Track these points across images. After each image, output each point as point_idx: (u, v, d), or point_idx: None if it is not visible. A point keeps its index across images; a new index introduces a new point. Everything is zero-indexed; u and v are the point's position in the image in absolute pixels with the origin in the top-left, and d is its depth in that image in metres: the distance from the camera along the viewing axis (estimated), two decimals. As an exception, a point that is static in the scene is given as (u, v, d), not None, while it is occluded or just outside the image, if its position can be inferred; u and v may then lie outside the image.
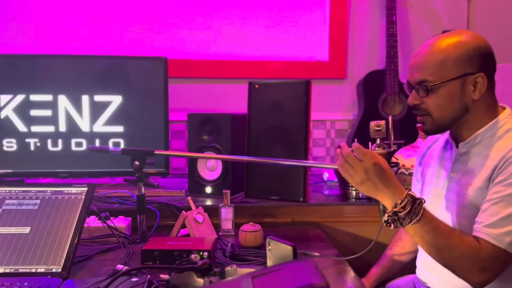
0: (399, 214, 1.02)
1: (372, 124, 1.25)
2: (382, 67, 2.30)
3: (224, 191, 1.54)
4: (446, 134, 1.31)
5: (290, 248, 0.86)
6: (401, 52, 2.30)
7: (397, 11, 2.26)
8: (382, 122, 1.25)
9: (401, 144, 1.94)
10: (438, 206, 1.24)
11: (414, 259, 1.42)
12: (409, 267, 1.47)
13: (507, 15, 2.41)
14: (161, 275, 1.05)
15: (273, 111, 1.73)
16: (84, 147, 1.85)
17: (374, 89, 2.24)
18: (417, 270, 1.39)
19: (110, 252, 1.38)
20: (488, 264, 1.03)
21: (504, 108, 1.20)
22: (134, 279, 1.10)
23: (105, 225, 1.46)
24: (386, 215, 1.04)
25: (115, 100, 1.85)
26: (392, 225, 1.04)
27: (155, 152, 1.47)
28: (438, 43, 1.15)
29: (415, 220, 1.02)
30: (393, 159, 1.27)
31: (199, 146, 1.78)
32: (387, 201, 1.06)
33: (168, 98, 1.87)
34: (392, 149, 1.26)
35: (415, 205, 1.02)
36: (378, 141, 1.28)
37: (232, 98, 2.24)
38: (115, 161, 1.83)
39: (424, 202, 1.04)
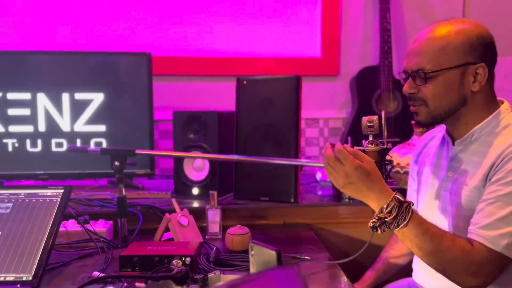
0: (385, 219, 0.98)
1: (364, 119, 1.17)
2: (375, 63, 2.23)
3: (210, 192, 1.47)
4: (443, 131, 1.24)
5: (273, 253, 0.79)
6: (395, 48, 2.24)
7: (391, 5, 2.19)
8: (375, 118, 1.18)
9: (396, 142, 1.88)
10: (435, 207, 1.19)
11: (411, 262, 1.36)
12: (405, 270, 1.41)
13: (502, 9, 2.35)
14: (137, 284, 0.97)
15: (263, 108, 1.65)
16: (64, 148, 1.77)
17: (367, 86, 2.18)
18: (413, 273, 1.33)
19: (89, 258, 1.31)
20: (482, 268, 0.98)
21: (502, 103, 1.14)
22: (109, 287, 1.02)
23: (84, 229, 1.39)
24: (371, 220, 1.00)
25: (97, 98, 1.77)
26: (378, 229, 1.00)
27: (136, 152, 1.40)
28: (439, 29, 1.09)
29: (402, 224, 0.98)
30: (388, 157, 1.19)
31: (186, 146, 1.71)
32: (373, 205, 1.02)
33: (152, 95, 1.79)
34: (385, 146, 1.19)
35: (402, 209, 0.98)
36: (370, 138, 1.20)
37: (221, 96, 2.16)
38: (97, 162, 1.74)
39: (413, 205, 0.99)
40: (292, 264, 1.17)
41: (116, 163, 1.38)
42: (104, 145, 1.78)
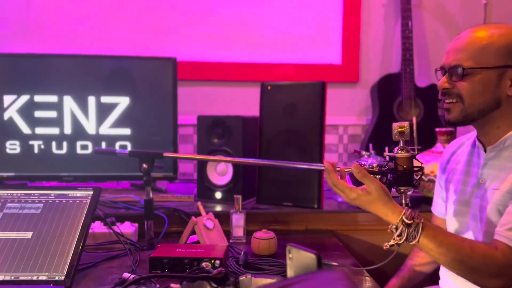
0: (398, 243, 1.02)
1: (395, 125, 1.17)
2: (396, 71, 2.23)
3: (235, 196, 1.47)
4: (472, 138, 1.24)
5: (313, 256, 0.78)
6: (416, 55, 2.23)
7: (412, 13, 2.19)
8: (406, 124, 1.17)
9: (418, 150, 1.87)
10: (466, 215, 1.18)
11: (436, 270, 1.35)
12: (430, 278, 1.39)
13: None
14: (172, 285, 0.98)
15: (286, 114, 1.66)
16: (89, 150, 1.79)
17: (389, 93, 2.17)
18: (440, 281, 1.32)
19: (116, 260, 1.31)
20: (506, 269, 0.99)
21: None
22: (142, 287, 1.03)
23: (111, 231, 1.40)
24: (388, 243, 1.04)
25: (123, 102, 1.79)
26: (395, 246, 1.04)
27: (164, 155, 1.41)
28: (483, 29, 1.10)
29: (414, 242, 1.01)
30: (418, 163, 1.18)
31: (209, 150, 1.72)
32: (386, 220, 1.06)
33: (177, 100, 1.81)
34: (416, 152, 1.18)
35: (410, 230, 1.01)
36: (401, 144, 1.20)
37: (243, 102, 2.17)
38: (121, 165, 1.77)
39: (422, 221, 1.02)
40: (338, 267, 1.20)
41: (144, 165, 1.39)
42: (129, 148, 1.80)
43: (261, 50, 2.25)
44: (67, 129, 1.78)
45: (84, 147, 1.79)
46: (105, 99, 1.79)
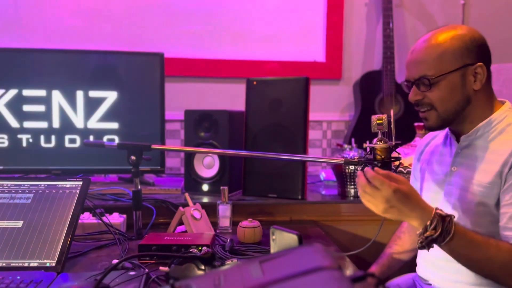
0: (432, 237, 0.99)
1: (374, 118, 1.23)
2: (378, 68, 2.30)
3: (222, 188, 1.51)
4: (445, 131, 1.30)
5: (295, 236, 0.84)
6: (398, 53, 2.31)
7: (393, 12, 2.27)
8: (384, 116, 1.23)
9: (398, 144, 1.93)
10: (438, 201, 1.23)
11: (414, 257, 1.41)
12: (408, 266, 1.46)
13: (501, 17, 2.44)
14: (161, 268, 1.02)
15: (272, 109, 1.71)
16: (78, 144, 1.81)
17: (370, 90, 2.24)
18: (417, 268, 1.37)
19: (104, 249, 1.34)
20: None
21: (503, 103, 1.20)
22: (131, 273, 1.07)
23: (100, 221, 1.43)
24: (419, 240, 1.01)
25: (110, 96, 1.82)
26: (427, 247, 1.01)
27: (152, 147, 1.45)
28: (434, 38, 1.15)
29: (448, 238, 0.99)
30: (395, 154, 1.25)
31: (196, 143, 1.76)
32: (416, 223, 1.02)
33: (164, 95, 1.84)
34: (394, 143, 1.25)
35: (446, 223, 0.99)
36: (379, 135, 1.26)
37: (229, 98, 2.22)
38: (109, 158, 1.80)
39: (454, 217, 1.01)
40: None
41: (133, 157, 1.43)
42: (117, 141, 1.82)
43: (247, 47, 2.30)
44: (56, 123, 1.80)
45: (72, 140, 1.81)
46: (93, 93, 1.81)
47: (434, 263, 1.24)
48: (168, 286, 0.61)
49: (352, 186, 1.74)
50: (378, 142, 1.24)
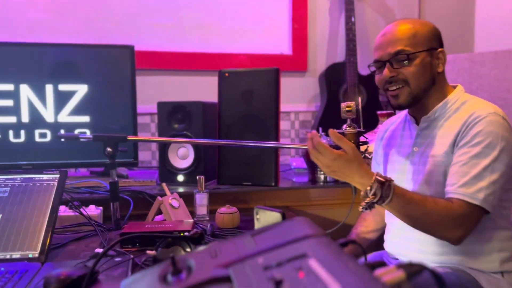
0: (372, 201, 1.10)
1: (343, 105, 1.31)
2: (341, 60, 2.40)
3: (198, 177, 1.55)
4: (402, 117, 1.40)
5: (278, 214, 0.89)
6: (359, 46, 2.41)
7: (354, 6, 2.36)
8: (352, 103, 1.32)
9: (362, 131, 2.04)
10: (403, 180, 1.32)
11: (379, 237, 1.50)
12: (375, 245, 1.55)
13: (454, 11, 2.60)
14: (148, 251, 1.05)
15: (244, 99, 1.76)
16: (48, 138, 1.79)
17: (335, 81, 2.34)
18: (385, 245, 1.47)
19: (83, 240, 1.35)
20: (464, 220, 1.11)
21: (455, 87, 1.32)
22: (117, 259, 1.09)
23: (77, 214, 1.44)
24: (361, 205, 1.12)
25: (81, 90, 1.81)
26: (369, 209, 1.13)
27: (128, 138, 1.46)
28: (404, 22, 1.26)
29: (387, 201, 1.10)
30: (363, 138, 1.33)
31: (170, 135, 1.78)
32: (359, 187, 1.14)
33: (135, 87, 1.85)
34: (362, 129, 1.33)
35: (384, 187, 1.10)
36: (348, 121, 1.34)
37: (198, 91, 2.25)
38: (80, 152, 1.79)
39: (393, 181, 1.11)
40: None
41: (109, 149, 1.44)
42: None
43: (215, 40, 2.33)
44: (25, 118, 1.77)
45: (43, 135, 1.79)
46: (63, 87, 1.80)
47: (400, 235, 1.33)
48: (169, 260, 0.65)
49: (322, 172, 1.82)
50: (348, 128, 1.32)
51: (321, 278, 0.53)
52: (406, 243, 1.32)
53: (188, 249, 1.01)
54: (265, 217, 0.93)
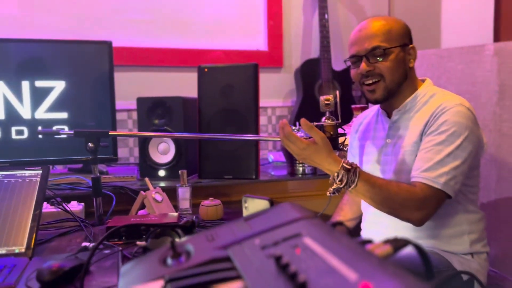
0: (339, 187, 1.17)
1: (322, 98, 1.36)
2: (316, 56, 2.46)
3: (181, 171, 1.57)
4: (374, 111, 1.47)
5: (266, 201, 0.93)
6: (333, 42, 2.48)
7: (328, 3, 2.43)
8: (331, 97, 1.37)
9: (338, 125, 2.10)
10: (378, 170, 1.39)
11: (356, 226, 1.57)
12: (353, 234, 1.61)
13: (422, 8, 2.70)
14: (138, 242, 1.07)
15: (224, 94, 1.79)
16: (25, 135, 1.77)
17: (310, 77, 2.39)
18: (362, 232, 1.53)
19: (67, 236, 1.35)
20: (425, 203, 1.18)
21: (423, 81, 1.39)
22: (106, 251, 1.11)
23: (59, 210, 1.43)
24: (329, 190, 1.20)
25: (58, 86, 1.79)
26: (336, 193, 1.20)
27: (110, 133, 1.47)
28: (378, 19, 1.32)
29: (353, 185, 1.17)
30: (341, 130, 1.39)
31: (150, 130, 1.79)
32: (327, 173, 1.22)
33: (114, 83, 1.85)
34: (340, 121, 1.39)
35: (350, 174, 1.16)
36: (327, 114, 1.40)
37: (175, 87, 2.26)
38: (58, 149, 1.78)
39: (358, 167, 1.18)
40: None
41: (91, 144, 1.44)
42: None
43: (192, 36, 2.34)
44: (1, 115, 1.73)
45: (20, 132, 1.76)
46: (39, 83, 1.77)
47: (376, 222, 1.40)
48: (169, 243, 0.68)
49: (301, 164, 1.87)
50: (327, 120, 1.37)
51: (317, 253, 0.57)
52: (382, 230, 1.38)
53: (178, 239, 1.04)
54: (253, 205, 0.96)
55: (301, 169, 1.88)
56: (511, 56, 1.87)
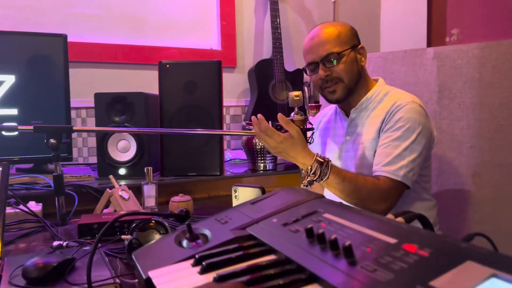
0: (312, 179, 1.23)
1: (291, 94, 1.41)
2: (269, 57, 2.52)
3: (146, 168, 1.53)
4: (332, 110, 1.56)
5: (258, 189, 0.95)
6: (284, 44, 2.55)
7: (279, 6, 2.50)
8: (299, 93, 1.42)
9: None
10: (340, 166, 1.45)
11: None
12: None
13: (364, 13, 2.87)
14: (123, 236, 1.03)
15: (186, 90, 1.78)
16: (-31, 133, 1.62)
17: (264, 77, 2.45)
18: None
19: (29, 237, 1.27)
20: (388, 194, 1.27)
21: (376, 80, 1.50)
22: (85, 248, 1.06)
23: (17, 210, 1.34)
24: (303, 182, 1.25)
25: (8, 80, 1.67)
26: (309, 186, 1.25)
27: (74, 129, 1.41)
28: (327, 26, 1.40)
29: (325, 178, 1.23)
30: (309, 125, 1.45)
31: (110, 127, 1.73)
32: (302, 166, 1.27)
33: (69, 79, 1.76)
34: (308, 116, 1.44)
35: (323, 167, 1.23)
36: (296, 109, 1.45)
37: (132, 83, 2.20)
38: (6, 148, 1.66)
39: (330, 161, 1.24)
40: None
41: (52, 140, 1.37)
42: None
43: (146, 34, 2.30)
44: None
45: (-37, 129, 1.61)
46: (-14, 77, 1.64)
47: None
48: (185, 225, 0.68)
49: (262, 161, 1.91)
50: (296, 115, 1.42)
51: (344, 224, 0.61)
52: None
53: (163, 232, 1.02)
54: (244, 194, 0.98)
55: (262, 165, 1.92)
56: (448, 59, 2.06)
